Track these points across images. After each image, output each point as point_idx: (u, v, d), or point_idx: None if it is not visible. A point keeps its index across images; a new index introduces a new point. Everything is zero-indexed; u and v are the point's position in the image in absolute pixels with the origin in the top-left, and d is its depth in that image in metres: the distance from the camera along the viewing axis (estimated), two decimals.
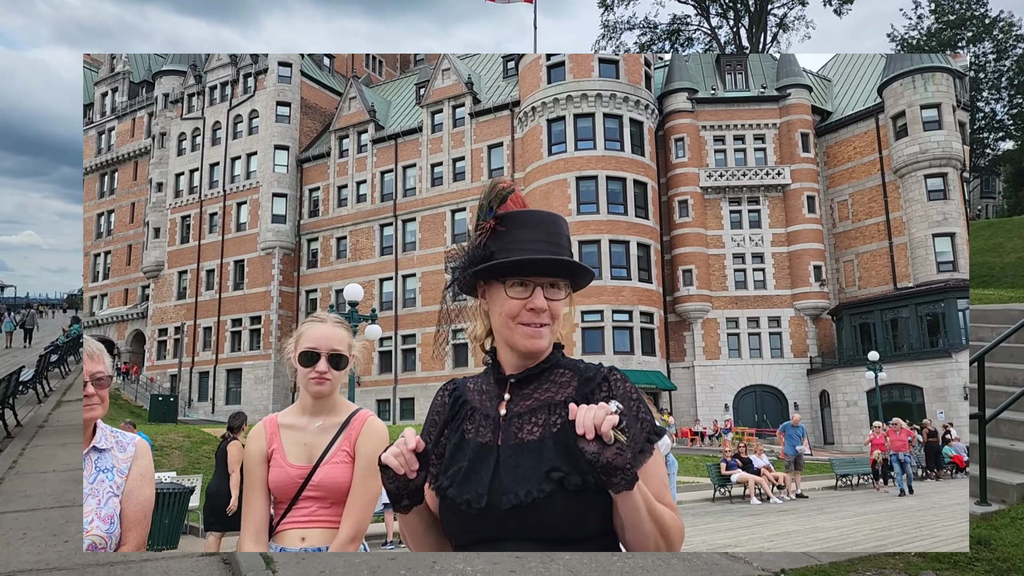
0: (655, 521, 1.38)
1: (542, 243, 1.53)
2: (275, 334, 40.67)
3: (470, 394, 1.62)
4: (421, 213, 39.62)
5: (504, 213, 1.58)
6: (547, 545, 1.43)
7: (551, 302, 1.53)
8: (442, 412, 1.63)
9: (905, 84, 34.50)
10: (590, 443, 1.32)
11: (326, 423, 2.51)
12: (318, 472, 2.43)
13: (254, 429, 2.59)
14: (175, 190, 46.85)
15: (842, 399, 31.95)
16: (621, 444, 1.31)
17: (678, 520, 1.45)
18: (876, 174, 35.82)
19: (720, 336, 35.13)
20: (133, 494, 2.42)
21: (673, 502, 1.50)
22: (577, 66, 35.01)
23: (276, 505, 2.51)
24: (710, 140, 37.05)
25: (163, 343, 45.34)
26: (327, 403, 2.53)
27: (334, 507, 2.44)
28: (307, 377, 2.47)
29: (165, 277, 46.03)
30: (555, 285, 1.54)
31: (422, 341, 38.02)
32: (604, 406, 1.34)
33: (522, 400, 1.53)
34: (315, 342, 2.48)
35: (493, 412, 1.55)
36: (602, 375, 1.53)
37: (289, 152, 43.63)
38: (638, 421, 1.47)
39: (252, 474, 2.49)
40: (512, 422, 1.52)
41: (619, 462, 1.31)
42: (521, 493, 1.42)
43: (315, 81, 46.14)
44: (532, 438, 1.47)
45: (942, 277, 32.26)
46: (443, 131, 39.92)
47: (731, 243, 36.01)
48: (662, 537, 1.39)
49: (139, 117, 51.07)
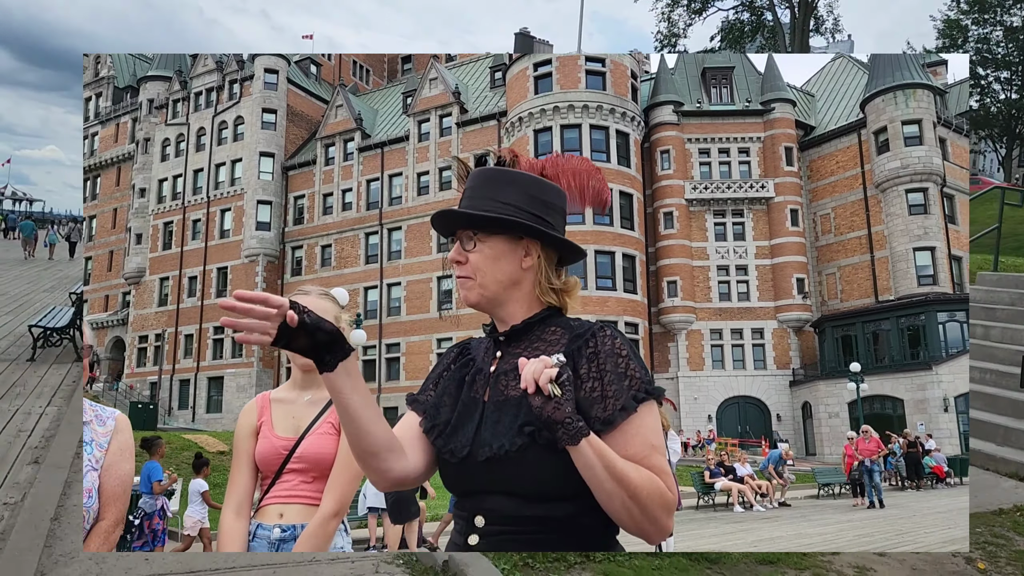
0: (617, 480, 1.34)
1: (466, 198, 1.57)
2: None
3: (475, 351, 1.65)
4: (407, 222, 39.57)
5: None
6: (522, 500, 1.44)
7: (468, 253, 1.56)
8: (444, 365, 1.67)
9: (887, 100, 35.01)
10: (535, 397, 1.33)
11: (315, 396, 2.51)
12: (303, 443, 2.41)
13: (246, 405, 2.60)
14: (158, 196, 46.51)
15: (824, 410, 32.14)
16: (558, 398, 1.32)
17: (656, 484, 1.38)
18: (858, 188, 36.24)
19: (704, 347, 35.27)
20: (112, 468, 2.38)
21: (666, 467, 1.45)
22: (564, 77, 35.23)
23: (262, 482, 2.48)
24: (695, 153, 37.35)
25: (143, 350, 44.84)
26: (317, 377, 2.52)
27: (316, 482, 2.41)
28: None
29: (147, 283, 45.60)
30: (471, 237, 1.56)
31: (406, 350, 37.88)
32: (545, 359, 1.35)
33: (512, 358, 1.54)
34: None
35: (486, 368, 1.58)
36: (591, 331, 1.51)
37: (275, 159, 43.48)
38: (625, 378, 1.44)
39: (239, 447, 2.48)
40: (499, 379, 1.54)
41: (556, 416, 1.32)
42: (495, 445, 1.44)
43: (302, 89, 46.08)
44: (515, 394, 1.48)
45: (923, 290, 32.63)
46: (430, 140, 39.97)
47: (715, 255, 36.24)
48: (630, 498, 1.35)
49: (123, 122, 50.73)
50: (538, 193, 1.59)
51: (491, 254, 1.56)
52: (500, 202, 1.56)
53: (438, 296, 37.77)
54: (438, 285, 37.86)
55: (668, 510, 1.40)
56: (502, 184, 1.58)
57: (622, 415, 1.41)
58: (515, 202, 1.56)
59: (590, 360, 1.46)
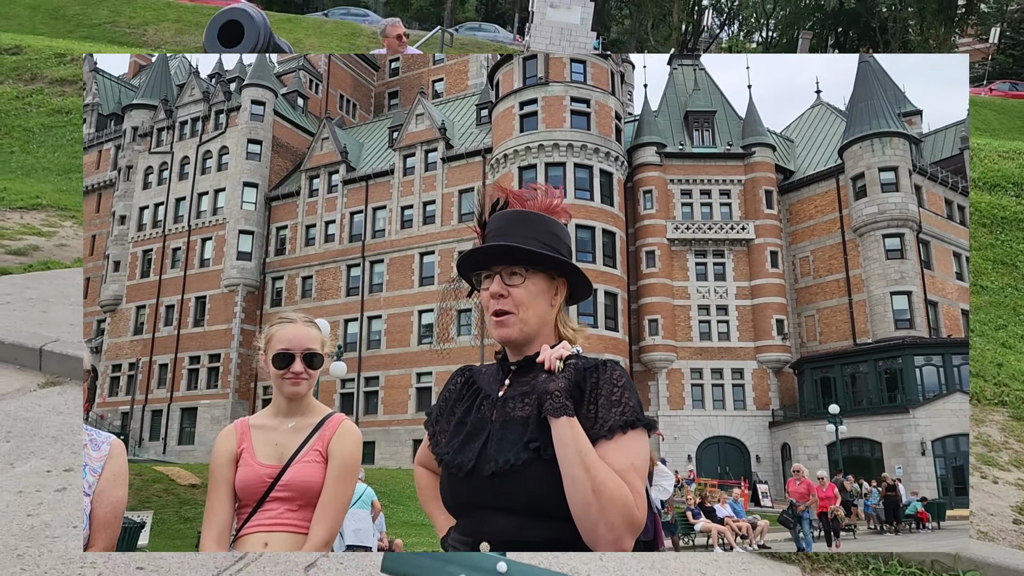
0: (586, 468, 1.41)
1: (502, 236, 1.63)
2: (234, 372, 39.79)
3: (481, 378, 1.74)
4: (389, 255, 39.54)
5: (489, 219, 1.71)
6: (524, 519, 1.49)
7: (511, 288, 1.61)
8: (453, 391, 1.76)
9: (864, 147, 35.83)
10: (542, 374, 1.52)
11: (300, 423, 2.44)
12: (288, 471, 2.34)
13: (224, 431, 2.51)
14: (138, 223, 46.14)
15: (803, 452, 32.14)
16: (558, 373, 1.50)
17: (624, 491, 1.41)
18: (836, 232, 36.84)
19: (684, 386, 35.31)
20: (105, 494, 2.32)
21: (641, 489, 1.47)
22: (549, 116, 35.72)
23: (240, 509, 2.39)
24: (677, 193, 37.86)
25: (116, 379, 44.01)
26: (301, 404, 2.47)
27: (302, 511, 2.34)
28: (282, 378, 2.42)
29: (122, 311, 44.97)
30: (515, 272, 1.62)
31: (385, 384, 37.52)
32: (566, 344, 1.55)
33: (520, 385, 1.63)
34: (288, 343, 2.44)
35: (494, 393, 1.67)
36: (596, 364, 1.62)
37: (258, 189, 43.41)
38: (618, 405, 1.53)
39: (218, 475, 2.39)
40: (507, 403, 1.62)
41: (550, 387, 1.48)
42: (500, 460, 1.51)
43: (288, 120, 46.28)
44: (521, 415, 1.57)
45: (900, 334, 33.01)
46: (415, 174, 40.19)
47: (696, 295, 36.51)
48: (593, 492, 1.40)
49: (106, 149, 50.52)
50: (562, 235, 1.70)
51: (535, 290, 1.64)
52: (541, 241, 1.63)
53: (419, 330, 37.59)
54: (419, 319, 37.71)
55: (629, 523, 1.42)
56: (536, 224, 1.65)
57: (609, 434, 1.49)
58: (551, 242, 1.65)
59: (592, 387, 1.56)
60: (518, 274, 1.62)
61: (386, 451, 35.34)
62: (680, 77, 43.06)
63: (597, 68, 36.97)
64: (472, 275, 1.69)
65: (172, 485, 18.30)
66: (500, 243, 1.60)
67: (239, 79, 45.95)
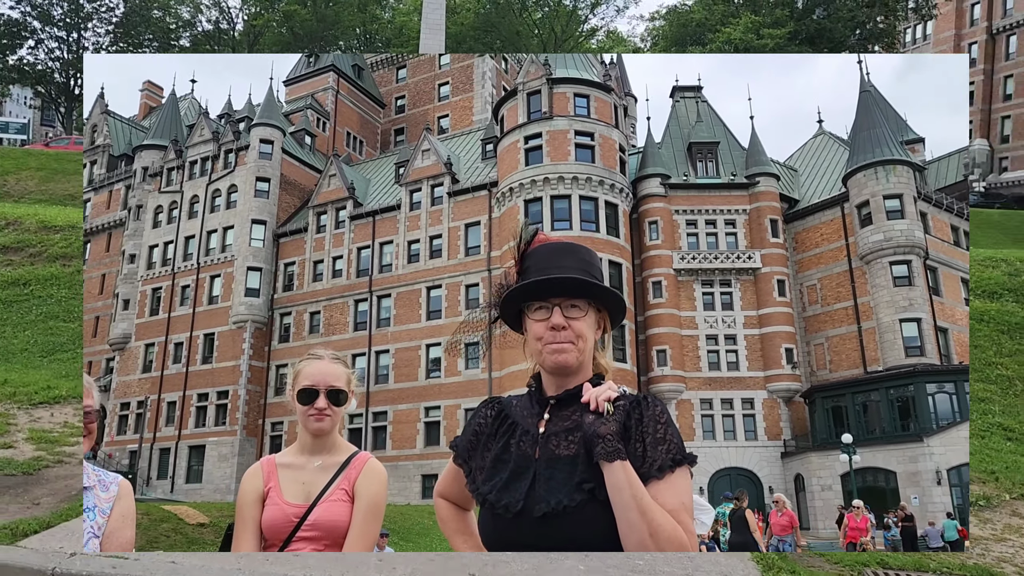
0: (642, 512, 1.43)
1: (551, 267, 1.66)
2: (242, 409, 39.70)
3: (513, 410, 1.73)
4: (396, 289, 39.64)
5: (530, 250, 1.74)
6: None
7: (572, 320, 1.64)
8: (484, 425, 1.75)
9: (868, 175, 35.97)
10: (589, 415, 1.51)
11: (326, 462, 2.45)
12: (315, 510, 2.35)
13: (250, 469, 2.53)
14: (148, 262, 46.46)
15: (817, 483, 31.74)
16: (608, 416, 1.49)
17: (679, 533, 1.45)
18: (843, 260, 36.81)
19: (694, 417, 35.03)
20: (114, 536, 2.32)
21: (692, 528, 1.50)
22: (554, 150, 36.04)
23: (267, 548, 2.40)
24: (683, 224, 37.98)
25: (124, 418, 43.94)
26: (327, 442, 2.48)
27: (327, 550, 2.34)
28: (306, 415, 2.44)
29: (131, 350, 45.06)
30: (575, 305, 1.65)
31: (393, 419, 37.35)
32: (611, 385, 1.54)
33: (560, 420, 1.65)
34: (312, 379, 2.48)
35: (533, 429, 1.67)
36: (637, 399, 1.63)
37: (266, 226, 43.75)
38: (664, 443, 1.56)
39: (244, 514, 2.40)
40: (550, 439, 1.63)
41: (601, 430, 1.48)
42: (552, 501, 1.51)
43: (296, 158, 46.81)
44: (567, 453, 1.58)
45: (911, 361, 32.76)
46: (421, 209, 40.47)
47: (704, 324, 36.41)
48: (650, 536, 1.42)
49: (116, 189, 51.12)
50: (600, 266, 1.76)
51: (590, 322, 1.69)
52: (591, 274, 1.68)
53: (427, 364, 37.51)
54: (427, 353, 37.65)
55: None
56: (584, 256, 1.71)
57: (659, 473, 1.52)
58: (598, 275, 1.70)
59: (636, 424, 1.58)
60: (578, 307, 1.65)
61: (394, 487, 35.01)
62: (682, 109, 43.49)
63: (600, 102, 37.39)
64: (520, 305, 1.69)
65: (180, 524, 18.14)
66: (572, 276, 1.63)
67: (248, 119, 46.62)
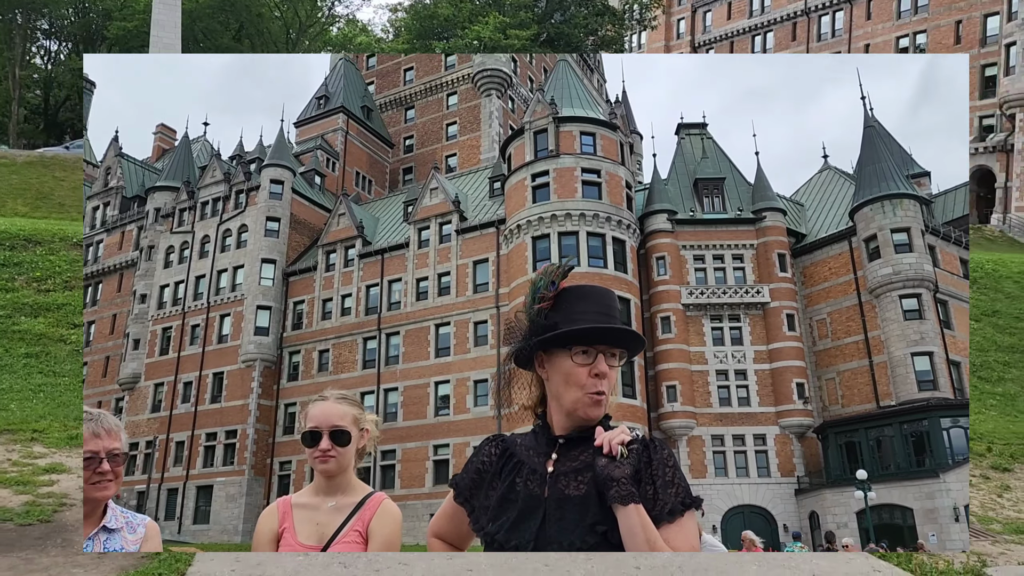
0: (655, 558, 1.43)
1: (600, 314, 1.69)
2: (251, 448, 39.52)
3: (518, 449, 1.73)
4: (405, 327, 39.69)
5: (564, 288, 1.75)
6: None
7: (610, 368, 1.71)
8: (488, 464, 1.75)
9: (875, 209, 36.05)
10: (602, 458, 1.50)
11: (340, 503, 2.49)
12: (328, 552, 2.38)
13: (267, 509, 2.57)
14: (159, 302, 46.78)
15: (832, 520, 31.13)
16: (622, 459, 1.49)
17: None
18: (852, 294, 36.69)
19: (706, 454, 34.60)
20: None
21: None
22: (561, 187, 36.35)
23: None
24: (690, 259, 38.04)
25: (133, 458, 43.73)
26: (341, 482, 2.52)
27: None
28: (312, 457, 2.48)
29: (141, 390, 45.10)
30: (613, 353, 1.69)
31: (402, 457, 37.07)
32: (624, 428, 1.52)
33: (569, 460, 1.66)
34: (316, 420, 2.51)
35: (541, 468, 1.67)
36: (645, 443, 1.66)
37: (276, 265, 44.09)
38: (672, 486, 1.59)
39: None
40: (559, 479, 1.64)
41: (616, 474, 1.48)
42: (565, 543, 1.52)
43: (306, 198, 47.35)
44: (577, 494, 1.59)
45: (924, 395, 32.39)
46: (429, 247, 40.72)
47: (714, 359, 36.19)
48: None
49: (128, 230, 51.73)
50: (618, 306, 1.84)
51: (616, 371, 1.74)
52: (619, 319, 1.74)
53: (435, 402, 37.36)
54: (435, 390, 37.52)
55: None
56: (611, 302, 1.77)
57: (670, 517, 1.54)
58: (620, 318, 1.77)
59: (646, 467, 1.60)
60: (616, 355, 1.69)
61: (403, 526, 34.26)
62: (688, 146, 43.87)
63: (606, 140, 37.80)
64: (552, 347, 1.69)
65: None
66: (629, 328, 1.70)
67: (259, 159, 47.32)
